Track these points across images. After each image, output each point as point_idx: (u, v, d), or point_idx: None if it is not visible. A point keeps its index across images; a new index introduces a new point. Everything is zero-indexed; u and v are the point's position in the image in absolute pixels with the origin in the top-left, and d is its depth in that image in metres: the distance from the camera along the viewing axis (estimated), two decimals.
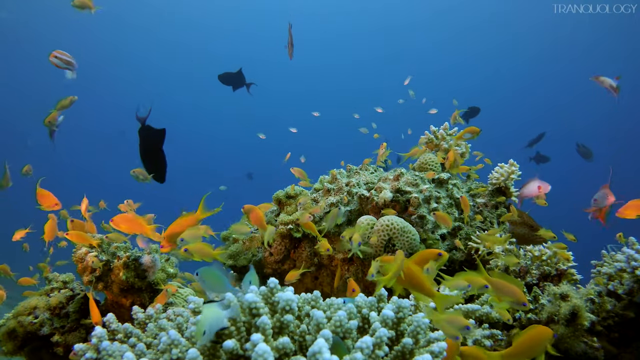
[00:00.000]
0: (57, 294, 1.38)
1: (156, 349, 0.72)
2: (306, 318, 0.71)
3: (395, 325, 0.70)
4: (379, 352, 0.61)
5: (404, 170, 1.50)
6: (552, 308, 1.03)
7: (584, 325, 1.00)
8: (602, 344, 1.00)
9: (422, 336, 0.68)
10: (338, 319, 0.64)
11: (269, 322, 0.61)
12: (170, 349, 0.66)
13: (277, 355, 0.58)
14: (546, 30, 13.13)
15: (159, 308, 0.89)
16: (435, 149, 1.71)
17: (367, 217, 1.35)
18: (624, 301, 1.04)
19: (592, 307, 1.06)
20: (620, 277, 1.09)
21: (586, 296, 1.07)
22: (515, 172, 1.54)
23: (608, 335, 1.02)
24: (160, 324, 0.80)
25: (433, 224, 1.37)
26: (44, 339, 1.29)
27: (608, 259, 1.19)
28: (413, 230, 1.29)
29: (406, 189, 1.41)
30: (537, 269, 1.22)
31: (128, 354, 0.63)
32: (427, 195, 1.40)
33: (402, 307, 0.70)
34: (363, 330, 0.72)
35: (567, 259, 1.18)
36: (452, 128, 1.75)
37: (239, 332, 0.64)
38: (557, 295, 1.03)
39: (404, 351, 0.64)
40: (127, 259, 1.34)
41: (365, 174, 1.59)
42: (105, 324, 0.80)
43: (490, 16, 13.65)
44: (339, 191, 1.52)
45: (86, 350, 0.73)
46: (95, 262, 1.28)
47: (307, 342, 0.62)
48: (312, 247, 1.47)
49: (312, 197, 1.57)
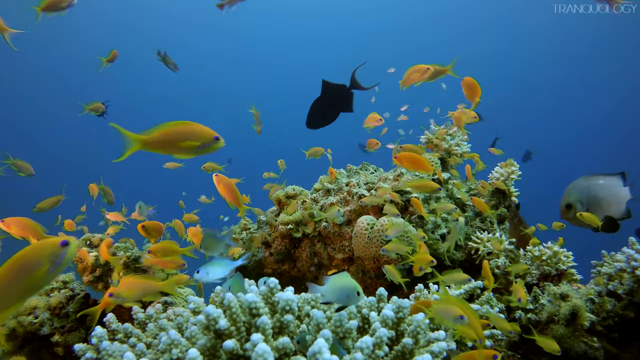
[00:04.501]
0: (57, 294, 1.38)
1: (156, 349, 0.72)
2: (306, 318, 0.71)
3: (395, 325, 0.70)
4: (379, 352, 0.61)
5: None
6: (552, 308, 1.04)
7: (584, 325, 1.00)
8: (602, 344, 1.00)
9: (422, 336, 0.68)
10: (338, 319, 0.64)
11: (269, 322, 0.61)
12: (170, 349, 0.66)
13: (277, 355, 0.58)
14: (546, 30, 13.13)
15: (159, 308, 0.89)
16: (435, 149, 1.71)
17: (367, 217, 1.35)
18: (624, 301, 1.05)
19: (592, 307, 1.06)
20: (620, 277, 1.09)
21: (586, 296, 1.07)
22: (515, 172, 1.53)
23: (608, 335, 1.02)
24: (160, 324, 0.80)
25: (433, 223, 1.37)
26: (44, 339, 1.29)
27: (608, 259, 1.19)
28: (413, 230, 1.29)
29: (406, 189, 1.41)
30: (537, 269, 1.22)
31: (128, 354, 0.63)
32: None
33: (402, 307, 0.70)
34: (363, 330, 0.72)
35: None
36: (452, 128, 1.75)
37: (239, 332, 0.64)
38: (557, 295, 1.04)
39: (404, 351, 0.64)
40: (127, 259, 1.34)
41: (365, 174, 1.59)
42: (105, 324, 0.80)
43: (490, 17, 13.65)
44: (339, 191, 1.52)
45: (86, 350, 0.73)
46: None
47: (307, 342, 0.62)
48: (312, 247, 1.47)
49: (311, 197, 1.57)
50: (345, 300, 0.64)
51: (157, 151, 0.70)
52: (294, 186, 1.61)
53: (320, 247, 1.45)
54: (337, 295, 0.64)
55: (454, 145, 1.65)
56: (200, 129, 0.71)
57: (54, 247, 0.56)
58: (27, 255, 0.56)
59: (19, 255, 0.56)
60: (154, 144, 0.69)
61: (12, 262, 0.55)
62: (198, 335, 0.67)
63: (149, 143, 0.69)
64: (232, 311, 0.64)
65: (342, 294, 0.64)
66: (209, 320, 0.62)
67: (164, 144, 0.70)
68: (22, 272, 0.55)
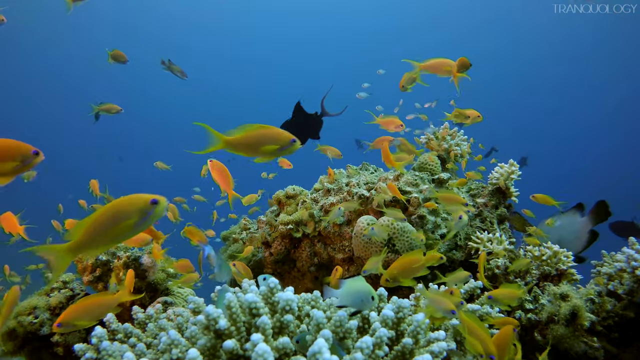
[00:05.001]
0: (57, 294, 1.38)
1: (156, 349, 0.72)
2: (306, 318, 0.71)
3: (395, 325, 0.70)
4: (379, 352, 0.61)
5: (404, 170, 1.50)
6: (552, 308, 1.03)
7: (584, 325, 1.00)
8: (602, 344, 1.00)
9: (422, 336, 0.68)
10: (338, 319, 0.64)
11: (269, 322, 0.61)
12: (170, 349, 0.66)
13: (277, 355, 0.58)
14: (546, 30, 13.13)
15: (159, 308, 0.89)
16: (435, 149, 1.71)
17: (367, 217, 1.35)
18: (624, 301, 1.04)
19: (592, 307, 1.06)
20: (620, 277, 1.09)
21: (586, 296, 1.07)
22: (515, 172, 1.53)
23: (608, 335, 1.02)
24: (160, 324, 0.80)
25: (433, 223, 1.37)
26: (44, 339, 1.29)
27: (608, 259, 1.19)
28: (413, 230, 1.29)
29: (406, 189, 1.41)
30: (537, 269, 1.22)
31: (128, 354, 0.63)
32: (427, 195, 1.40)
33: (402, 307, 0.70)
34: (363, 330, 0.72)
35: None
36: (453, 128, 1.75)
37: (239, 332, 0.64)
38: (557, 295, 1.03)
39: (404, 351, 0.64)
40: (127, 259, 1.34)
41: (365, 174, 1.59)
42: (105, 324, 0.80)
43: (490, 17, 13.65)
44: (339, 191, 1.52)
45: (86, 350, 0.73)
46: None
47: (305, 341, 0.62)
48: (312, 247, 1.47)
49: (311, 197, 1.57)
50: (360, 304, 0.65)
51: (238, 152, 0.73)
52: (294, 186, 1.61)
53: (320, 247, 1.45)
54: (352, 299, 0.64)
55: (453, 145, 1.65)
56: (278, 132, 0.73)
57: (144, 203, 0.59)
58: (119, 205, 0.59)
59: (114, 203, 0.59)
60: (237, 145, 0.72)
61: (106, 209, 0.59)
62: (198, 335, 0.67)
63: (232, 144, 0.72)
64: (232, 311, 0.64)
65: (357, 298, 0.64)
66: (209, 320, 0.62)
67: (246, 146, 0.72)
68: (111, 220, 0.58)
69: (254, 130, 0.72)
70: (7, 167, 0.62)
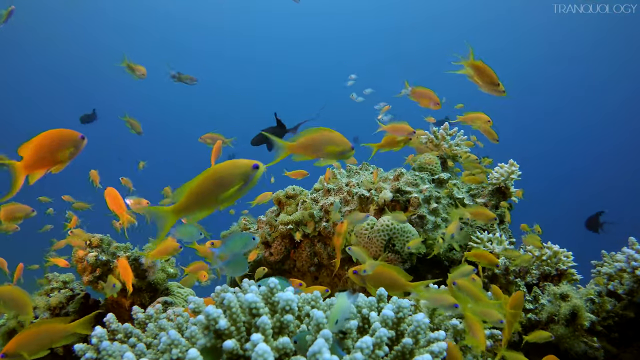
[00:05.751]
0: (57, 294, 1.38)
1: (156, 349, 0.72)
2: (306, 318, 0.71)
3: (395, 325, 0.70)
4: (379, 352, 0.61)
5: (404, 170, 1.50)
6: (552, 308, 1.04)
7: (584, 325, 1.00)
8: (602, 344, 1.00)
9: (422, 336, 0.68)
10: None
11: (269, 322, 0.61)
12: (170, 349, 0.66)
13: (277, 355, 0.58)
14: (546, 30, 13.13)
15: (159, 308, 0.89)
16: (435, 149, 1.71)
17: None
18: (624, 301, 1.05)
19: (592, 307, 1.06)
20: (620, 277, 1.09)
21: (586, 296, 1.07)
22: (515, 172, 1.53)
23: (608, 335, 1.02)
24: (160, 324, 0.80)
25: (433, 223, 1.37)
26: None
27: (608, 259, 1.20)
28: (413, 230, 1.29)
29: (406, 189, 1.41)
30: (537, 269, 1.22)
31: (128, 354, 0.63)
32: (427, 195, 1.40)
33: (402, 307, 0.70)
34: (363, 330, 0.72)
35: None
36: (452, 128, 1.75)
37: (239, 332, 0.64)
38: (557, 295, 1.04)
39: (404, 351, 0.64)
40: (127, 259, 1.34)
41: (365, 174, 1.59)
42: (105, 324, 0.80)
43: (490, 17, 13.65)
44: (339, 191, 1.52)
45: (86, 350, 0.73)
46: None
47: (304, 341, 0.62)
48: (312, 247, 1.47)
49: (311, 197, 1.57)
50: (345, 323, 0.65)
51: (303, 156, 0.76)
52: (294, 186, 1.61)
53: (320, 247, 1.45)
54: (342, 324, 0.64)
55: (454, 145, 1.65)
56: (339, 136, 0.77)
57: (247, 168, 0.61)
58: (222, 171, 0.60)
59: (215, 169, 0.61)
60: (300, 149, 0.76)
61: (208, 175, 0.60)
62: (198, 335, 0.67)
63: (296, 149, 0.75)
64: (232, 311, 0.64)
65: (343, 321, 0.64)
66: (209, 320, 0.62)
67: (310, 148, 0.76)
68: (216, 185, 0.60)
69: (316, 132, 0.75)
70: (66, 154, 0.68)
